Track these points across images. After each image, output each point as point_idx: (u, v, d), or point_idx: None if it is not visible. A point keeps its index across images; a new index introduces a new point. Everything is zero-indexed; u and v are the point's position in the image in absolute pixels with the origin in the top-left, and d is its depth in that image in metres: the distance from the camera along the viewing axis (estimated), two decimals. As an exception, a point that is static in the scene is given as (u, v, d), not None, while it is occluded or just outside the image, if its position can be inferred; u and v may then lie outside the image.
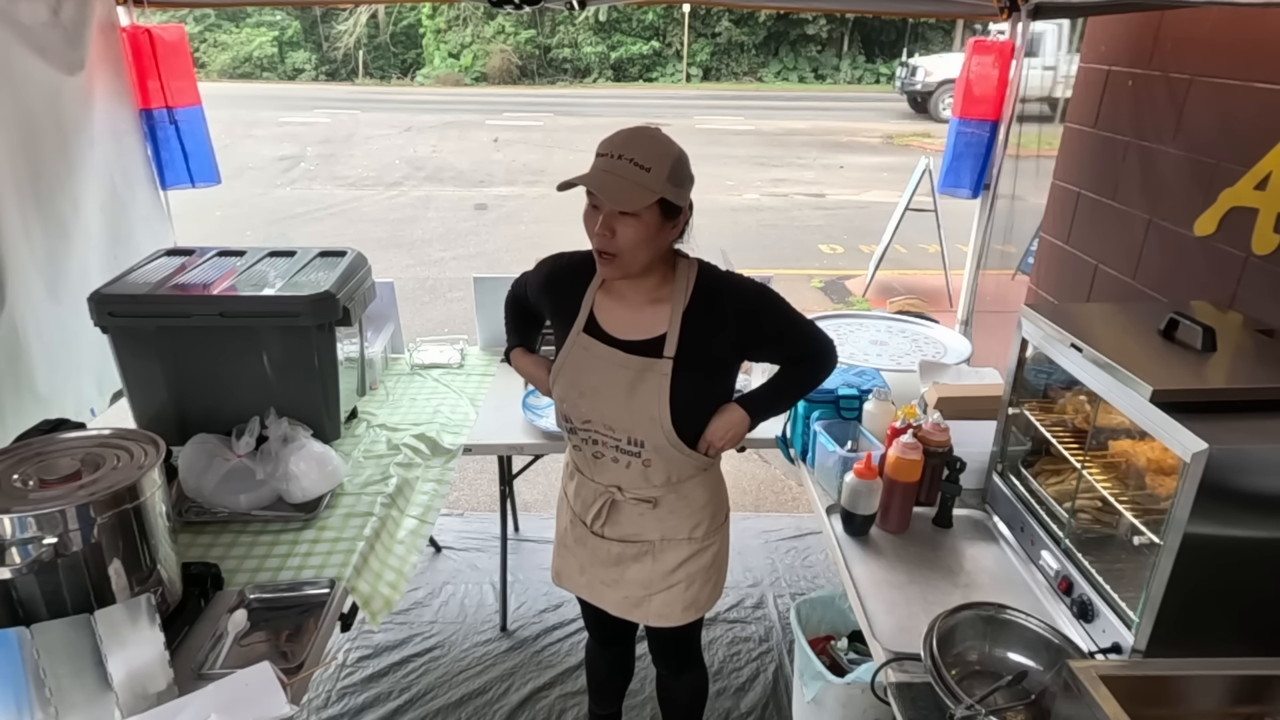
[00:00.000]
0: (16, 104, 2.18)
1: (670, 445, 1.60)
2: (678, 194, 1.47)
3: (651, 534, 1.72)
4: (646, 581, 1.76)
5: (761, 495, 3.87)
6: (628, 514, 1.72)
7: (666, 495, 1.69)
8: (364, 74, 22.06)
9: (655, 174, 1.41)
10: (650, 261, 1.53)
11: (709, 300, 1.58)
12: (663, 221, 1.48)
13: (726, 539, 1.86)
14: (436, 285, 6.67)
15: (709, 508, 1.76)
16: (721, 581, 1.87)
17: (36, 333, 2.20)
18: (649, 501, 1.69)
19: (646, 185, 1.41)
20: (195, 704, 1.34)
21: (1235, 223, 1.93)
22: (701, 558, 1.78)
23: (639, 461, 1.64)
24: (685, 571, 1.76)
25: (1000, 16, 2.76)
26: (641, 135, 1.46)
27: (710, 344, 1.58)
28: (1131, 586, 1.45)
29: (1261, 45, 1.88)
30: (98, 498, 1.36)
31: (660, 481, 1.67)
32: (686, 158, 1.50)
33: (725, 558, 1.86)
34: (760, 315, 1.62)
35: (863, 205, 9.72)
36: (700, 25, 22.20)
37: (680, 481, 1.68)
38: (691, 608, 1.80)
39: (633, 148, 1.42)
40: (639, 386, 1.56)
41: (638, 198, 1.41)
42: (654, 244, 1.49)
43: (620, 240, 1.45)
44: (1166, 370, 1.44)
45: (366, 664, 2.67)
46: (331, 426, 2.24)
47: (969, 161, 2.96)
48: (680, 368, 1.55)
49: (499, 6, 2.56)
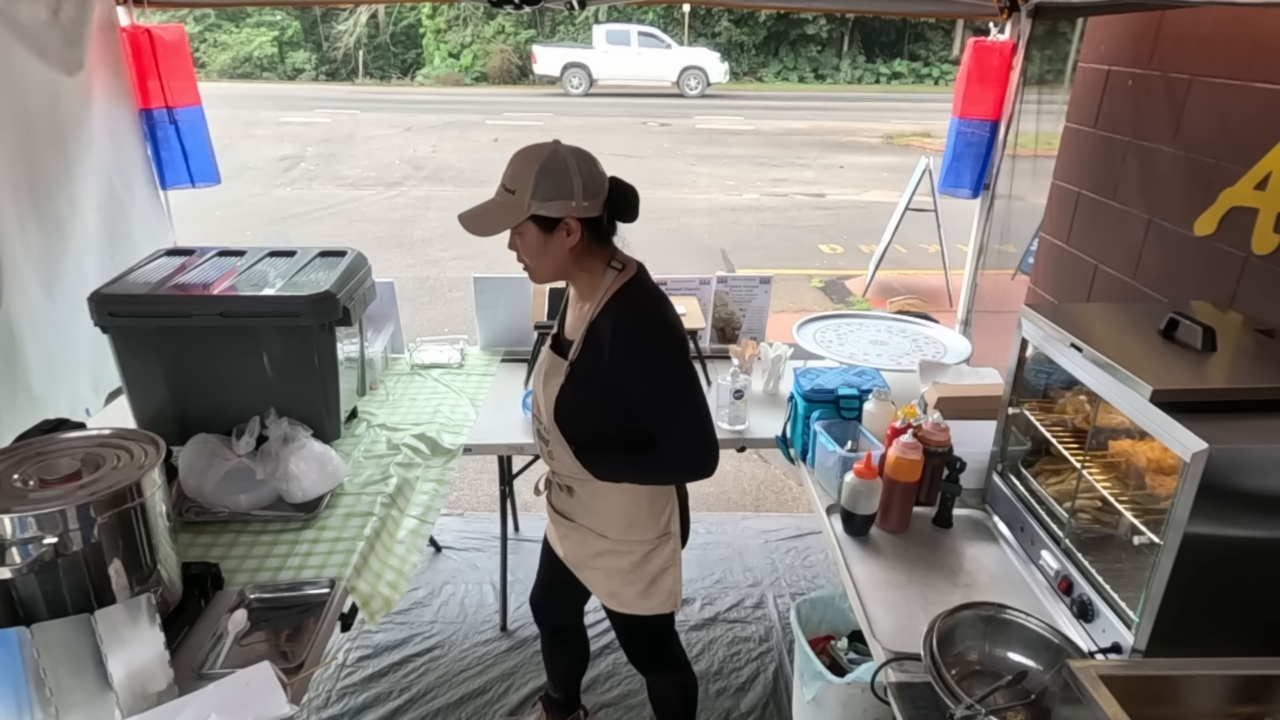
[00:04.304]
0: (15, 104, 2.17)
1: (561, 442, 1.70)
2: (548, 207, 1.51)
3: (575, 517, 1.84)
4: (576, 554, 1.90)
5: (761, 495, 3.87)
6: (558, 494, 1.86)
7: (578, 488, 1.79)
8: (364, 74, 22.05)
9: (519, 194, 1.51)
10: (559, 270, 1.62)
11: (606, 321, 1.59)
12: (544, 235, 1.54)
13: (664, 558, 1.82)
14: (436, 285, 6.67)
15: (621, 515, 1.77)
16: (659, 595, 1.84)
17: (32, 332, 2.20)
18: (565, 489, 1.82)
19: (510, 206, 1.52)
20: (195, 704, 1.34)
21: (1235, 223, 1.93)
22: (617, 558, 1.81)
23: (545, 449, 1.79)
24: (602, 561, 1.84)
25: (1000, 16, 2.76)
26: (517, 157, 1.54)
27: (597, 362, 1.60)
28: (1131, 586, 1.45)
29: (1261, 45, 1.88)
30: (98, 498, 1.36)
31: (565, 473, 1.78)
32: (560, 168, 1.50)
33: (660, 574, 1.82)
34: (621, 357, 1.56)
35: (863, 205, 9.72)
36: (700, 25, 22.20)
37: (586, 480, 1.74)
38: (613, 597, 1.87)
39: (508, 172, 1.54)
40: (550, 381, 1.70)
41: (500, 220, 1.53)
42: (547, 255, 1.57)
43: (523, 254, 1.59)
44: (1166, 370, 1.44)
45: (366, 664, 2.67)
46: (331, 426, 2.24)
47: (969, 161, 2.96)
48: (574, 374, 1.64)
49: (499, 6, 2.56)
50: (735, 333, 2.99)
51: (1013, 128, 2.84)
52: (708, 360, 2.81)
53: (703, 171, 11.40)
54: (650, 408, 1.60)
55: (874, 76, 22.72)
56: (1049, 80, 2.93)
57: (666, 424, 1.61)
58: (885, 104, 18.36)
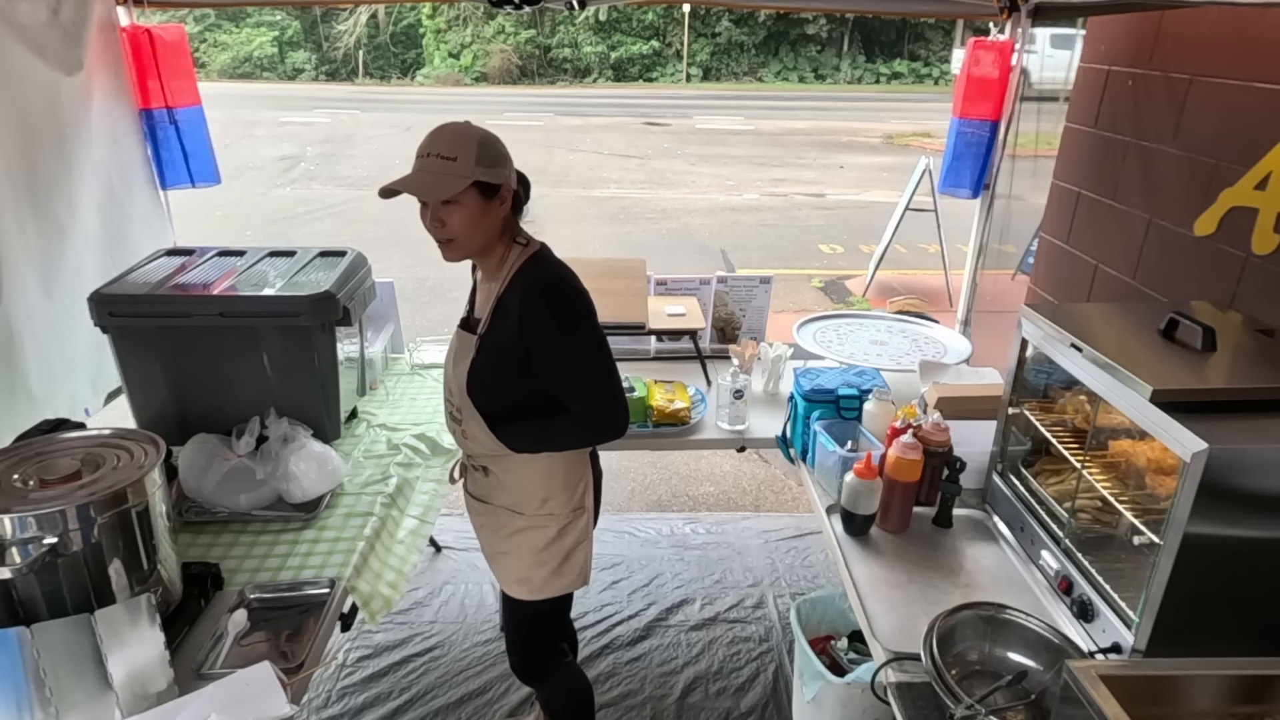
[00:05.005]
0: (14, 104, 2.17)
1: (475, 418, 1.70)
2: (491, 173, 1.56)
3: (492, 499, 1.84)
4: (491, 540, 1.90)
5: (761, 495, 3.87)
6: (473, 477, 1.86)
7: (493, 466, 1.79)
8: (364, 74, 22.07)
9: (462, 161, 1.52)
10: (487, 241, 1.63)
11: (514, 292, 1.63)
12: (484, 201, 1.57)
13: (577, 533, 1.86)
14: (436, 285, 6.66)
15: (537, 490, 1.79)
16: (570, 573, 1.87)
17: (31, 332, 2.20)
18: (481, 469, 1.82)
19: (456, 173, 1.53)
20: (195, 704, 1.34)
21: (1235, 222, 1.93)
22: (531, 536, 1.82)
23: (460, 429, 1.78)
24: (515, 542, 1.84)
25: (1000, 16, 2.76)
26: (444, 130, 1.57)
27: (505, 335, 1.63)
28: (1131, 586, 1.45)
29: (1261, 45, 1.88)
30: (98, 498, 1.36)
31: (480, 452, 1.78)
32: (494, 139, 1.59)
33: (572, 550, 1.86)
34: (532, 330, 1.60)
35: (863, 205, 9.72)
36: (700, 25, 22.21)
37: (500, 456, 1.75)
38: (523, 584, 1.86)
39: (438, 144, 1.54)
40: (460, 357, 1.71)
41: (450, 185, 1.53)
42: (483, 224, 1.59)
43: (451, 227, 1.57)
44: (1166, 370, 1.44)
45: (366, 664, 2.67)
46: (331, 426, 2.24)
47: (969, 161, 2.96)
48: (484, 348, 1.67)
49: (499, 6, 2.56)
50: (735, 333, 2.99)
51: (1013, 128, 2.84)
52: (708, 360, 2.81)
53: (703, 171, 11.41)
54: (557, 369, 1.65)
55: (874, 76, 22.74)
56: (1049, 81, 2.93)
57: (574, 384, 1.66)
58: (885, 104, 18.37)
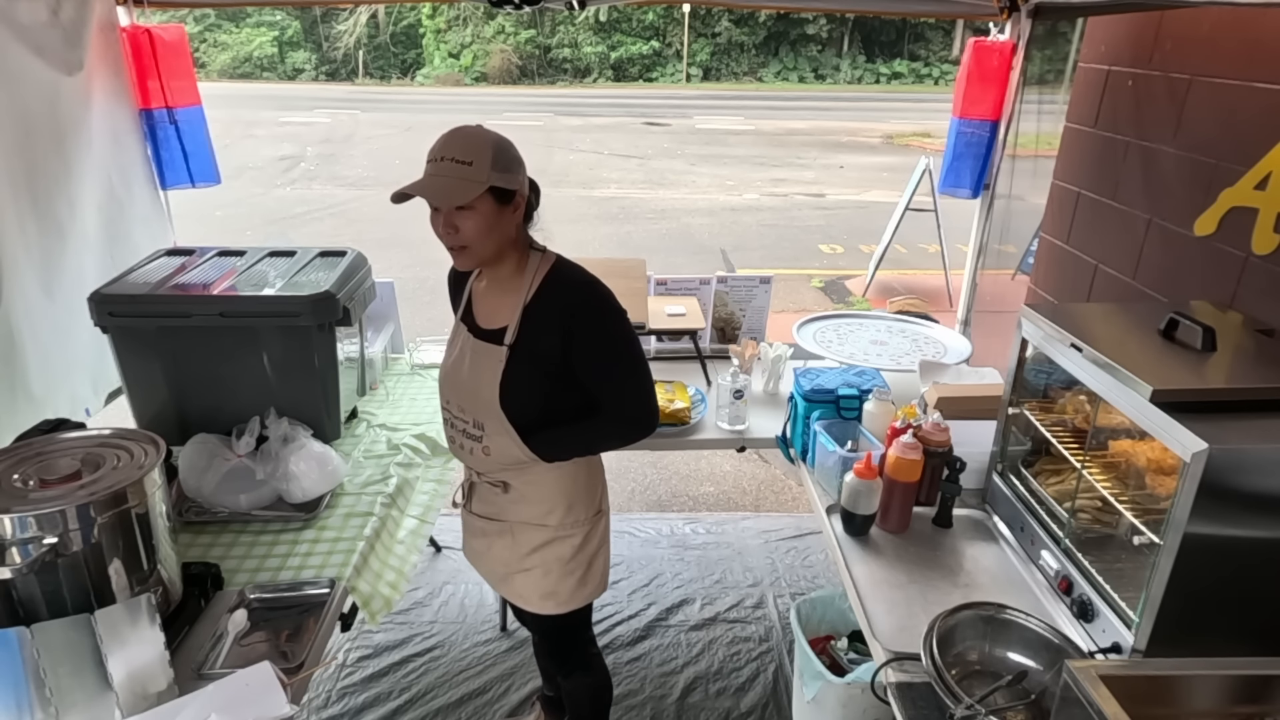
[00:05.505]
0: (14, 104, 2.17)
1: (505, 432, 1.65)
2: (506, 179, 1.53)
3: (509, 515, 1.80)
4: (506, 560, 1.84)
5: (761, 495, 3.87)
6: (485, 494, 1.81)
7: (514, 480, 1.75)
8: (364, 74, 22.07)
9: (478, 166, 1.49)
10: (500, 249, 1.60)
11: (549, 298, 1.62)
12: (499, 207, 1.55)
13: (599, 537, 1.86)
14: (437, 285, 6.64)
15: (563, 498, 1.77)
16: (594, 580, 1.86)
17: (31, 332, 2.20)
18: (499, 486, 1.77)
19: (471, 178, 1.49)
20: (195, 704, 1.34)
21: (1235, 222, 1.93)
22: (558, 547, 1.80)
23: (480, 447, 1.71)
24: (540, 557, 1.80)
25: (1000, 16, 2.76)
26: (458, 134, 1.53)
27: (540, 341, 1.61)
28: (1131, 586, 1.45)
29: (1261, 45, 1.88)
30: (98, 498, 1.36)
31: (500, 468, 1.74)
32: (509, 144, 1.56)
33: (594, 556, 1.85)
34: (576, 333, 1.60)
35: (863, 205, 9.73)
36: (700, 25, 22.21)
37: (524, 469, 1.72)
38: (550, 598, 1.83)
39: (452, 148, 1.51)
40: (482, 371, 1.65)
41: (466, 191, 1.50)
42: (497, 230, 1.56)
43: (465, 234, 1.54)
44: (1166, 370, 1.44)
45: (366, 664, 2.67)
46: (331, 426, 2.24)
47: (969, 161, 2.96)
48: (516, 358, 1.62)
49: (499, 6, 2.56)
50: (735, 333, 2.99)
51: (1013, 128, 2.84)
52: (708, 360, 2.81)
53: (703, 171, 11.41)
54: (604, 369, 1.64)
55: (874, 76, 22.74)
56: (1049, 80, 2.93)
57: (618, 382, 1.65)
58: (885, 104, 18.38)
